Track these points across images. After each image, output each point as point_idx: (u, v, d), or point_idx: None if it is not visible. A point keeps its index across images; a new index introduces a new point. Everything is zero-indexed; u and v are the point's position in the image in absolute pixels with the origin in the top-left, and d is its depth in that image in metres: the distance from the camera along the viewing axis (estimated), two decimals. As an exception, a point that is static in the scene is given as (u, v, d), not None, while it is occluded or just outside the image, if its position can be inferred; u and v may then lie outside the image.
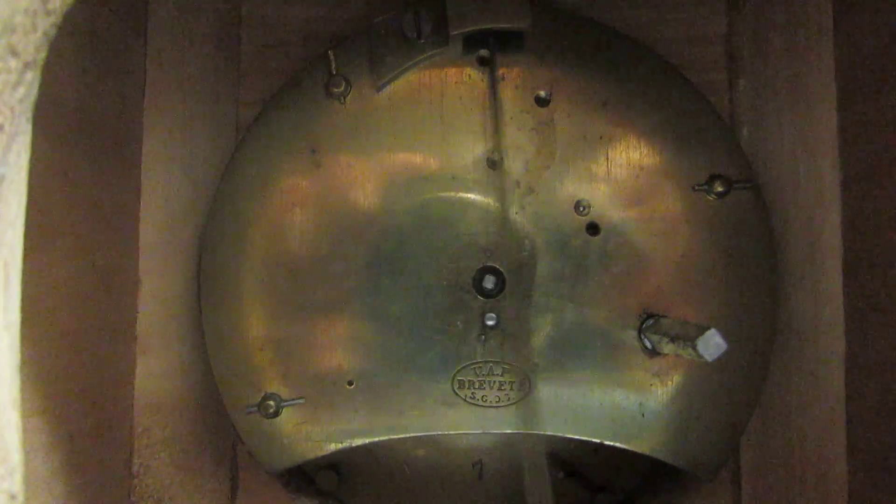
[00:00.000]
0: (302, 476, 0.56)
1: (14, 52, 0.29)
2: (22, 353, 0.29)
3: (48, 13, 0.28)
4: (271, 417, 0.46)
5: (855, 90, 0.51)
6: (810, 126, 0.54)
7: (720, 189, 0.47)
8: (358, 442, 0.47)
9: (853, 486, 0.50)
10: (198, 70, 0.54)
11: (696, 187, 0.48)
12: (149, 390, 0.51)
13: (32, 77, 0.30)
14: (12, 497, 0.28)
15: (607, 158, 0.47)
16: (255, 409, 0.46)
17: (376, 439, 0.47)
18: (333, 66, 0.47)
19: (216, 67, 0.54)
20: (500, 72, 0.48)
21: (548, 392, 0.47)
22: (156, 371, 0.51)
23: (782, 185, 0.53)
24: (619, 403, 0.47)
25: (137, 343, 0.51)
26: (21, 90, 0.29)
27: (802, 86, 0.54)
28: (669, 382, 0.47)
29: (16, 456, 0.28)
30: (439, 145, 0.47)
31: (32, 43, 0.29)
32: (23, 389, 0.30)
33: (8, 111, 0.29)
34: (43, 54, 0.30)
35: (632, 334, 0.46)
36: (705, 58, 0.55)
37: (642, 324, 0.46)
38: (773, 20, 0.55)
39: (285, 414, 0.47)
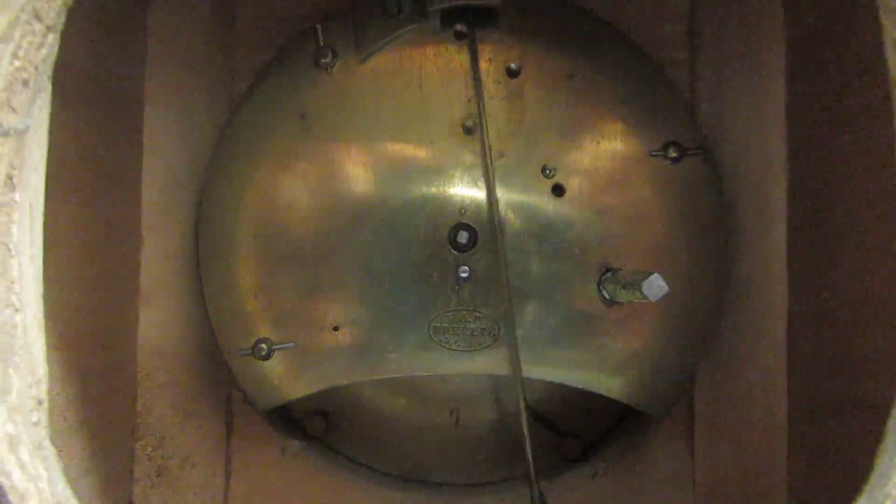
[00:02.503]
0: (292, 421, 0.60)
1: (38, 17, 0.33)
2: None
3: (68, -16, 0.32)
4: (263, 359, 0.50)
5: (802, 66, 0.56)
6: (761, 100, 0.58)
7: (674, 155, 0.52)
8: (342, 382, 0.52)
9: (793, 426, 0.55)
10: (195, 43, 0.57)
11: (653, 153, 0.52)
12: (151, 338, 0.56)
13: (53, 40, 0.34)
14: (39, 402, 0.33)
15: (572, 126, 0.52)
16: (249, 352, 0.50)
17: (359, 379, 0.52)
18: (321, 38, 0.51)
19: (212, 41, 0.58)
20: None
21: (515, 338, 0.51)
22: (157, 320, 0.56)
23: (735, 155, 0.58)
24: (580, 349, 0.51)
25: (140, 294, 0.56)
26: (44, 51, 0.33)
27: (756, 62, 0.58)
28: (626, 330, 0.52)
29: (41, 369, 0.33)
30: (418, 112, 0.51)
31: (54, 9, 0.33)
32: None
33: (33, 69, 0.33)
34: (62, 19, 0.34)
35: (592, 286, 0.51)
36: (669, 36, 0.59)
37: (601, 276, 0.50)
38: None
39: (276, 357, 0.51)
